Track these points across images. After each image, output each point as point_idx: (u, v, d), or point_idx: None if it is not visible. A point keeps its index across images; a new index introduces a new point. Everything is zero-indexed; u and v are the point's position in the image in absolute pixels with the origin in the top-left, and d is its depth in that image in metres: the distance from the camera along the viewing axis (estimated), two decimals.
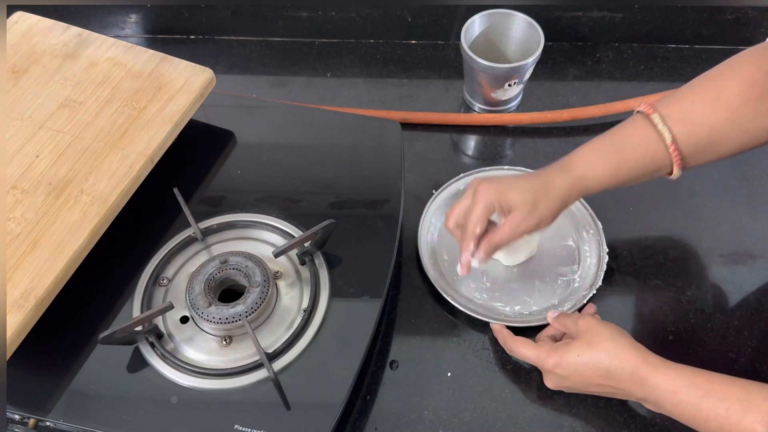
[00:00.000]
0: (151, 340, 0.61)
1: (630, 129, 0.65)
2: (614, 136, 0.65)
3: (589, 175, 0.64)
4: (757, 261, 0.77)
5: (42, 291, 0.57)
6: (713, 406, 0.55)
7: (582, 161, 0.65)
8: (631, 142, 0.64)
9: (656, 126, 0.62)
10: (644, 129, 0.63)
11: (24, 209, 0.62)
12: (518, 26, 0.86)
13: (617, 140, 0.65)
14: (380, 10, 0.94)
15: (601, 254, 0.75)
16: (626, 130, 0.65)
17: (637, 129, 0.64)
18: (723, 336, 0.72)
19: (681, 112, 0.63)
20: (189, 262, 0.67)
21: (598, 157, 0.64)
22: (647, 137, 0.63)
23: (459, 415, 0.67)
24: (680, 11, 0.93)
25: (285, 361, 0.61)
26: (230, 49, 0.98)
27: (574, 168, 0.64)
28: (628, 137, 0.64)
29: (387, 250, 0.68)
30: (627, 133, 0.65)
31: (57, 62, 0.73)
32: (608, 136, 0.65)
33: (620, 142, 0.64)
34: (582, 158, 0.65)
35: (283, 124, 0.78)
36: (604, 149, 0.65)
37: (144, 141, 0.67)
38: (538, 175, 0.66)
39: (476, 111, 0.91)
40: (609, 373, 0.60)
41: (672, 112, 0.63)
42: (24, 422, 0.58)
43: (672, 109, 0.63)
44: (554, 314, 0.68)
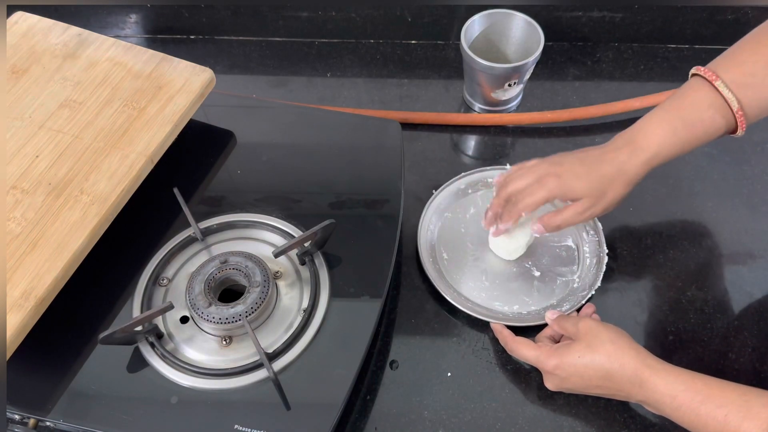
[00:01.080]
0: (151, 340, 0.61)
1: (695, 98, 0.63)
2: (680, 107, 0.64)
3: (661, 153, 0.64)
4: (757, 261, 0.77)
5: (42, 291, 0.57)
6: (712, 411, 0.55)
7: (652, 138, 0.64)
8: (699, 113, 0.63)
9: (722, 93, 0.62)
10: (710, 97, 0.63)
11: (24, 209, 0.62)
12: (518, 26, 0.86)
13: (684, 112, 0.63)
14: (380, 10, 0.94)
15: (601, 255, 0.75)
16: (691, 99, 0.64)
17: (702, 97, 0.63)
18: (723, 336, 0.72)
19: (744, 77, 0.62)
20: (189, 262, 0.67)
21: (668, 133, 0.63)
22: (714, 105, 0.62)
23: (459, 415, 0.67)
24: (680, 11, 0.93)
25: (285, 361, 0.61)
26: (230, 49, 0.98)
27: (645, 147, 0.64)
28: (695, 107, 0.63)
29: (387, 250, 0.68)
30: (693, 102, 0.63)
31: (57, 62, 0.73)
32: (674, 107, 0.64)
33: (688, 113, 0.63)
34: (652, 135, 0.64)
35: (283, 124, 0.78)
36: (673, 123, 0.63)
37: (144, 141, 0.67)
38: (607, 158, 0.64)
39: (476, 111, 0.91)
40: (609, 375, 0.60)
41: (735, 77, 0.62)
42: (24, 422, 0.58)
43: (735, 74, 0.62)
44: (553, 315, 0.68)
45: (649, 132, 0.64)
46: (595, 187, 0.64)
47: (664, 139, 0.64)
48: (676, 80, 0.94)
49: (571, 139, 0.88)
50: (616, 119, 0.90)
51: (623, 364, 0.60)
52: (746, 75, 0.62)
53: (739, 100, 0.62)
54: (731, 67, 0.63)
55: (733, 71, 0.63)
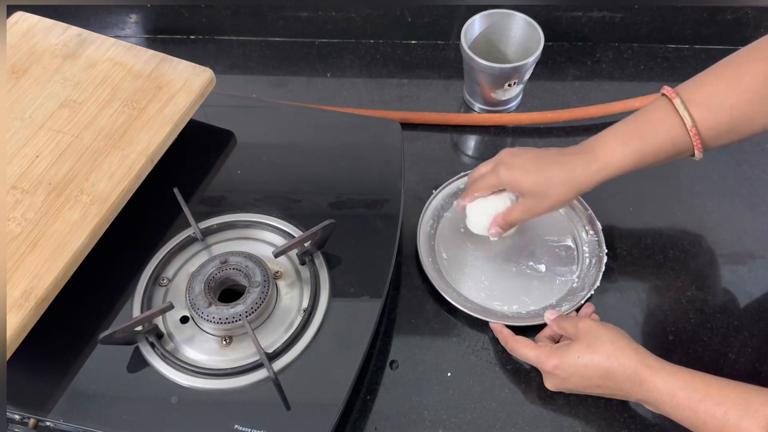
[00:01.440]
0: (151, 340, 0.61)
1: (652, 114, 0.65)
2: (637, 121, 0.65)
3: (612, 164, 0.65)
4: (757, 261, 0.77)
5: (42, 291, 0.57)
6: (711, 409, 0.55)
7: (605, 149, 0.65)
8: (653, 127, 0.64)
9: (677, 110, 0.63)
10: (666, 113, 0.64)
11: (24, 209, 0.62)
12: (518, 26, 0.86)
13: (640, 126, 0.65)
14: (380, 10, 0.94)
15: (601, 255, 0.75)
16: (648, 115, 0.65)
17: (658, 113, 0.64)
18: (723, 336, 0.72)
19: (702, 96, 0.63)
20: (189, 262, 0.67)
21: (620, 144, 0.65)
22: (668, 121, 0.64)
23: (459, 415, 0.67)
24: (680, 11, 0.93)
25: (285, 361, 0.61)
26: (230, 49, 0.98)
27: (597, 156, 0.65)
28: (650, 122, 0.65)
29: (387, 250, 0.68)
30: (649, 118, 0.65)
31: (57, 62, 0.73)
32: (631, 120, 0.66)
33: (642, 127, 0.65)
34: (605, 146, 0.65)
35: (283, 124, 0.78)
36: (627, 135, 0.65)
37: (144, 141, 0.67)
38: (562, 161, 0.66)
39: (476, 111, 0.91)
40: (609, 374, 0.60)
41: (694, 96, 0.63)
42: (24, 422, 0.58)
43: (694, 93, 0.63)
44: (552, 315, 0.68)
45: (602, 142, 0.66)
46: (541, 187, 0.66)
47: (615, 150, 0.65)
48: (676, 80, 0.93)
49: (571, 139, 0.88)
50: (616, 119, 0.88)
51: (623, 364, 0.60)
52: (705, 94, 0.63)
53: (693, 119, 0.63)
54: (693, 88, 0.64)
55: (693, 91, 0.64)
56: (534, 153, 0.69)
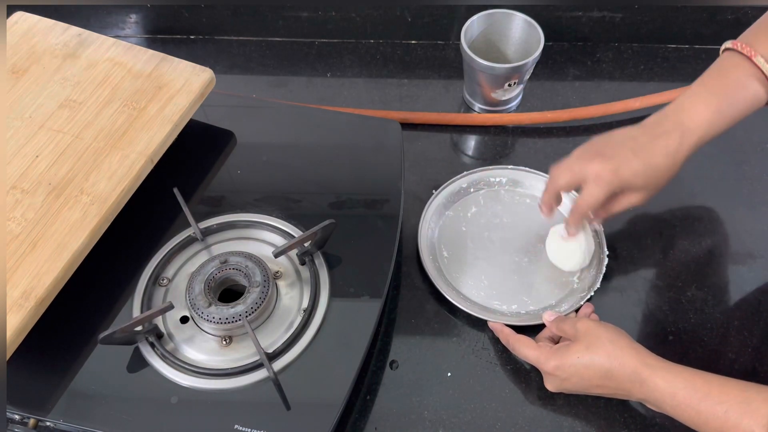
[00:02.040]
0: (151, 340, 0.61)
1: (737, 75, 0.63)
2: (724, 86, 0.64)
3: (709, 134, 0.64)
4: (757, 261, 0.77)
5: (42, 291, 0.57)
6: (712, 408, 0.55)
7: (700, 120, 0.63)
8: (743, 90, 0.63)
9: (762, 68, 0.62)
10: (750, 72, 0.63)
11: (24, 209, 0.62)
12: (518, 26, 0.86)
13: (729, 91, 0.63)
14: (380, 10, 0.94)
15: (601, 255, 0.75)
16: (734, 77, 0.64)
17: (743, 74, 0.63)
18: (723, 336, 0.72)
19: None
20: (189, 262, 0.67)
21: (715, 113, 0.63)
22: (756, 81, 0.63)
23: (459, 415, 0.67)
24: (680, 11, 0.93)
25: (285, 361, 0.61)
26: (230, 49, 0.98)
27: (694, 129, 0.63)
28: (739, 85, 0.63)
29: (387, 250, 0.68)
30: (736, 80, 0.63)
31: (57, 62, 0.73)
32: (717, 86, 0.64)
33: (732, 91, 0.63)
34: (700, 117, 0.63)
35: (283, 124, 0.78)
36: (719, 103, 0.63)
37: (144, 141, 0.67)
38: (659, 146, 0.63)
39: (476, 111, 0.91)
40: (609, 374, 0.60)
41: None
42: (24, 422, 0.58)
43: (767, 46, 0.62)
44: (550, 316, 0.68)
45: (695, 114, 0.64)
46: (652, 181, 0.65)
47: (711, 120, 0.63)
48: (676, 80, 0.94)
49: (571, 139, 0.88)
50: (616, 119, 0.90)
51: (623, 363, 0.60)
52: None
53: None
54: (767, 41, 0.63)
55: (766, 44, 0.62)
56: (625, 146, 0.64)
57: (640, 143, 0.64)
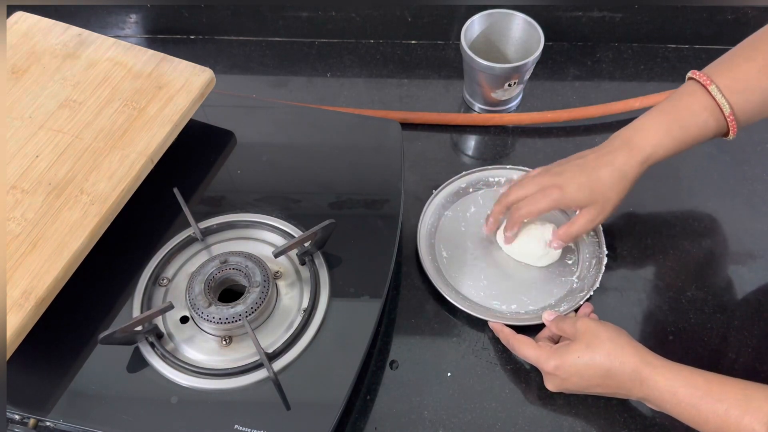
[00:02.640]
0: (151, 340, 0.61)
1: (690, 101, 0.66)
2: (676, 110, 0.66)
3: (657, 153, 0.67)
4: (757, 261, 0.77)
5: (42, 291, 0.57)
6: (712, 406, 0.55)
7: (649, 139, 0.66)
8: (693, 116, 0.66)
9: (715, 98, 0.64)
10: (704, 101, 0.65)
11: (24, 209, 0.62)
12: (518, 26, 0.86)
13: (680, 115, 0.66)
14: (380, 10, 0.94)
15: (601, 255, 0.75)
16: (686, 103, 0.66)
17: (696, 101, 0.66)
18: (723, 336, 0.72)
19: (736, 82, 0.64)
20: (189, 262, 0.67)
21: (664, 134, 0.66)
22: (707, 109, 0.65)
23: (459, 415, 0.67)
24: (680, 11, 0.93)
25: (285, 361, 0.61)
26: (230, 49, 0.98)
27: (643, 146, 0.66)
28: (690, 111, 0.66)
29: (387, 250, 0.68)
30: (687, 106, 0.66)
31: (57, 62, 0.73)
32: (670, 110, 0.67)
33: (683, 116, 0.66)
34: (649, 136, 0.66)
35: (283, 124, 0.78)
36: (669, 125, 0.66)
37: (144, 141, 0.67)
38: (605, 161, 0.67)
39: (476, 111, 0.91)
40: (609, 373, 0.60)
41: (729, 83, 0.64)
42: (24, 422, 0.58)
43: (727, 79, 0.64)
44: (550, 316, 0.68)
45: (645, 132, 0.67)
46: (599, 194, 0.67)
47: (659, 140, 0.66)
48: (676, 80, 0.94)
49: (571, 139, 0.88)
50: (616, 119, 0.90)
51: (623, 362, 0.60)
52: (739, 80, 0.64)
53: (731, 104, 0.64)
54: (725, 72, 0.65)
55: (726, 76, 0.65)
56: (574, 164, 0.68)
57: (589, 160, 0.68)
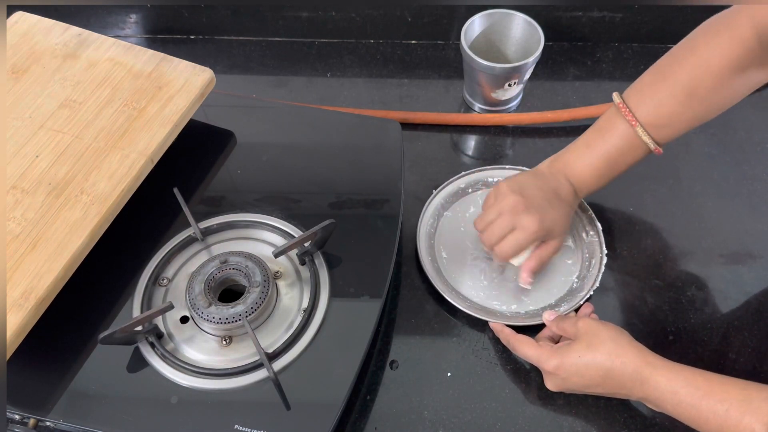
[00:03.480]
0: (151, 340, 0.61)
1: (618, 143, 0.70)
2: (605, 150, 0.70)
3: (594, 187, 0.72)
4: (757, 261, 0.77)
5: (42, 291, 0.57)
6: (713, 406, 0.55)
7: (584, 179, 0.71)
8: (622, 155, 0.70)
9: (641, 138, 0.68)
10: (631, 139, 0.69)
11: (24, 209, 0.62)
12: (518, 26, 0.86)
13: (609, 155, 0.70)
14: (380, 10, 0.94)
15: (600, 255, 0.75)
16: (614, 142, 0.70)
17: (624, 141, 0.69)
18: (723, 336, 0.72)
19: (660, 119, 0.68)
20: (189, 262, 0.67)
21: (595, 175, 0.71)
22: (634, 147, 0.69)
23: (459, 415, 0.67)
24: (680, 11, 0.93)
25: (285, 361, 0.61)
26: (230, 49, 0.98)
27: (581, 186, 0.72)
28: (619, 150, 0.70)
29: (387, 250, 0.68)
30: (615, 145, 0.70)
31: (57, 62, 0.73)
32: (599, 148, 0.70)
33: (612, 156, 0.70)
34: (583, 176, 0.71)
35: (283, 124, 0.78)
36: (600, 167, 0.71)
37: (144, 141, 0.67)
38: (562, 196, 0.71)
39: (476, 111, 0.91)
40: (610, 373, 0.60)
41: (653, 120, 0.68)
42: (24, 422, 0.58)
43: (652, 117, 0.67)
44: (550, 316, 0.68)
45: (580, 174, 0.71)
46: (563, 228, 0.72)
47: (592, 181, 0.71)
48: None
49: (571, 139, 0.87)
50: None
51: (624, 362, 0.60)
52: (662, 117, 0.67)
53: (656, 141, 0.68)
54: (649, 109, 0.68)
55: (650, 114, 0.67)
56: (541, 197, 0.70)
57: (550, 195, 0.70)
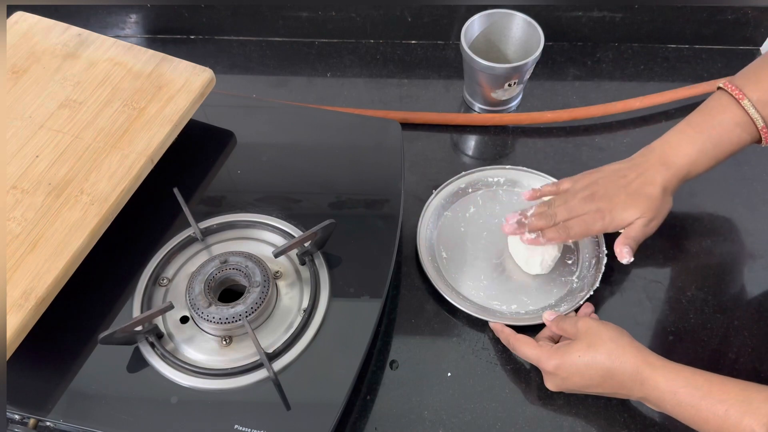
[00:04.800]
0: (151, 340, 0.61)
1: (723, 118, 0.66)
2: (709, 128, 0.67)
3: (694, 171, 0.68)
4: (757, 261, 0.77)
5: (42, 291, 0.57)
6: (712, 406, 0.55)
7: (684, 158, 0.67)
8: (728, 133, 0.66)
9: (748, 112, 0.65)
10: (736, 116, 0.66)
11: (24, 209, 0.62)
12: (518, 26, 0.86)
13: (714, 132, 0.67)
14: (380, 10, 0.94)
15: (600, 255, 0.75)
16: (719, 119, 0.67)
17: (729, 117, 0.66)
18: (723, 336, 0.72)
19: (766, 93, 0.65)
20: (189, 262, 0.67)
21: (699, 153, 0.67)
22: (741, 124, 0.66)
23: (459, 415, 0.67)
24: (680, 11, 0.93)
25: (285, 361, 0.61)
26: (230, 49, 0.98)
27: (680, 166, 0.68)
28: (724, 127, 0.66)
29: (387, 250, 0.68)
30: (721, 122, 0.67)
31: (57, 62, 0.73)
32: (702, 127, 0.67)
33: (717, 133, 0.67)
34: (684, 155, 0.67)
35: (283, 124, 0.78)
36: (704, 144, 0.67)
37: (144, 141, 0.67)
38: (647, 180, 0.67)
39: (476, 111, 0.91)
40: (610, 373, 0.60)
41: (760, 95, 0.65)
42: (24, 422, 0.58)
43: (759, 92, 0.65)
44: (550, 316, 0.68)
45: (680, 151, 0.68)
46: (647, 209, 0.68)
47: (695, 158, 0.67)
48: (676, 80, 0.94)
49: (571, 139, 0.88)
50: (616, 119, 0.90)
51: (624, 362, 0.60)
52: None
53: (764, 118, 0.65)
54: (756, 84, 0.65)
55: (758, 88, 0.65)
56: (617, 185, 0.68)
57: (630, 180, 0.68)
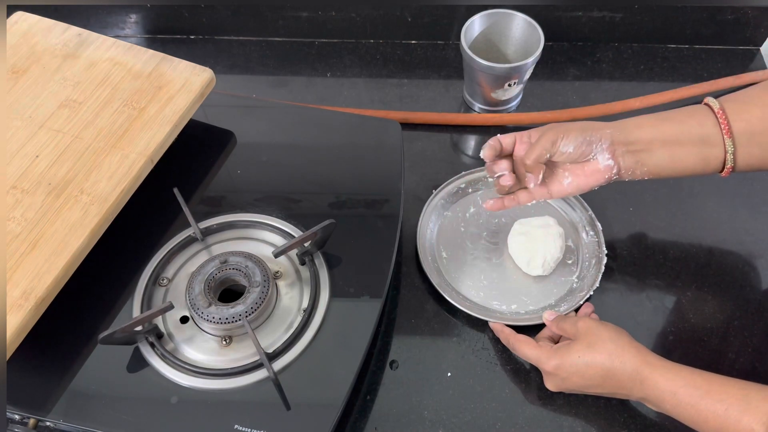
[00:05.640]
0: (151, 340, 0.61)
1: (695, 126, 0.63)
2: (680, 125, 0.64)
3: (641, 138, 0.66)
4: (757, 261, 0.77)
5: (42, 291, 0.57)
6: (712, 406, 0.55)
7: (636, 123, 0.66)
8: (691, 142, 0.64)
9: (724, 140, 0.62)
10: (709, 137, 0.63)
11: (24, 209, 0.62)
12: (518, 26, 0.86)
13: (681, 134, 0.64)
14: (380, 10, 0.94)
15: (600, 255, 0.75)
16: (691, 124, 0.63)
17: (703, 130, 0.63)
18: (723, 336, 0.72)
19: (752, 125, 0.62)
20: (189, 262, 0.67)
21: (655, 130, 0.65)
22: (709, 144, 0.63)
23: (459, 415, 0.67)
24: (680, 11, 0.93)
25: (285, 361, 0.61)
26: (230, 49, 0.98)
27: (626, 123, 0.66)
28: (692, 136, 0.63)
29: (387, 250, 0.68)
30: (692, 128, 0.63)
31: (57, 62, 0.73)
32: (673, 123, 0.64)
33: (683, 135, 0.64)
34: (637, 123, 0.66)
35: (283, 124, 0.78)
36: (665, 130, 0.64)
37: (144, 141, 0.67)
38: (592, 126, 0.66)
39: (476, 111, 0.91)
40: (610, 373, 0.60)
41: (744, 126, 0.62)
42: (24, 422, 0.58)
43: (744, 122, 0.62)
44: (550, 316, 0.68)
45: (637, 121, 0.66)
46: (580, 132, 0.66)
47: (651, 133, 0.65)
48: (676, 80, 0.94)
49: None
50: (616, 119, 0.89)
51: (624, 362, 0.60)
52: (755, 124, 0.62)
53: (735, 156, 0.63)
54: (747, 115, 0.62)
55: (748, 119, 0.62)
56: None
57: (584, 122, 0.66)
